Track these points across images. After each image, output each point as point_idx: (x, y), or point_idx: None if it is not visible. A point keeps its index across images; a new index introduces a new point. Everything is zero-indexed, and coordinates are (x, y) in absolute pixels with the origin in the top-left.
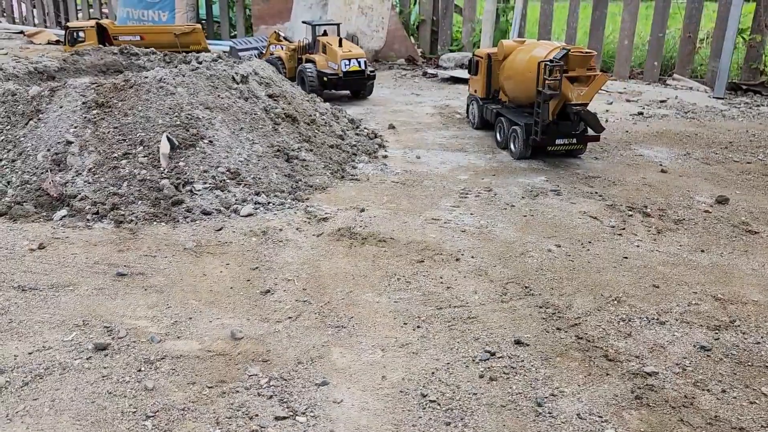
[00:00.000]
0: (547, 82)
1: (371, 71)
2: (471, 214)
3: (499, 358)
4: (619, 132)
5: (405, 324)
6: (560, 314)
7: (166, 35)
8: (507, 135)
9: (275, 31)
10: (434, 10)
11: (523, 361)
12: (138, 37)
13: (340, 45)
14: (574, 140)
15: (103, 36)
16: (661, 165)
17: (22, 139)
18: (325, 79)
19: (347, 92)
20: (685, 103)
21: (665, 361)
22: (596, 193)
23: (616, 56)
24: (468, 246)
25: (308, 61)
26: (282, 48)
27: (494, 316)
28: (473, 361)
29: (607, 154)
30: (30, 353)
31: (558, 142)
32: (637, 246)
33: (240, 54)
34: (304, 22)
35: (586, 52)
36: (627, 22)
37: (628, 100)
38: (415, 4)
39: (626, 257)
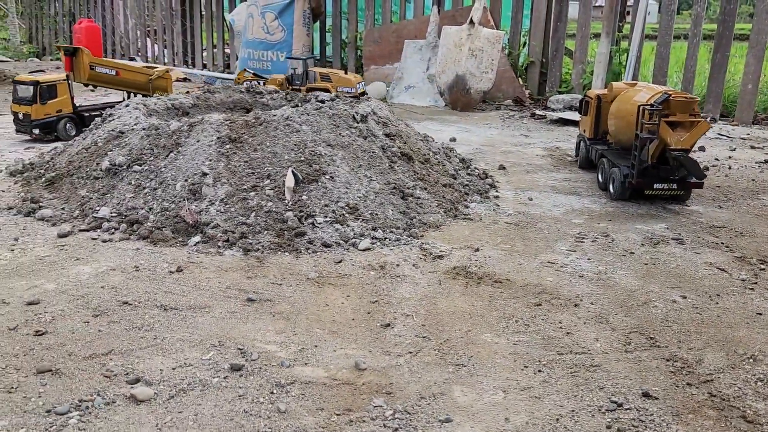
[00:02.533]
0: (645, 126)
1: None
2: (588, 259)
3: (627, 409)
4: (744, 180)
5: (525, 367)
6: (690, 369)
7: (140, 76)
8: (607, 176)
9: (245, 69)
10: (544, 52)
11: (652, 414)
12: (114, 72)
13: (346, 73)
14: (674, 186)
15: (71, 64)
16: None
17: (163, 169)
18: None
19: None
20: None
21: None
22: (722, 243)
23: (738, 101)
24: (586, 292)
25: (312, 90)
26: (261, 83)
27: (619, 366)
28: (599, 410)
29: (732, 203)
30: (173, 369)
31: (656, 186)
32: None
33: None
34: (290, 58)
35: (689, 98)
36: (752, 65)
37: (752, 147)
38: (524, 46)
39: (760, 313)
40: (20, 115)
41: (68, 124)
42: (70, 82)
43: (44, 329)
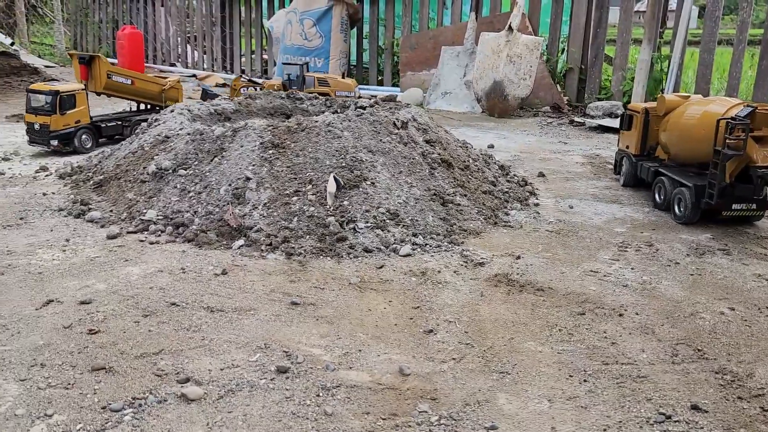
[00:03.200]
0: (728, 141)
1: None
2: (632, 268)
3: (676, 422)
4: None
5: (570, 376)
6: (740, 382)
7: (154, 86)
8: (670, 196)
9: (240, 75)
10: (583, 59)
11: (702, 428)
12: (129, 81)
13: (343, 77)
14: (754, 206)
15: (87, 73)
16: None
17: (208, 174)
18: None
19: None
20: None
21: None
22: None
23: None
24: (631, 302)
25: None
26: (256, 88)
27: (666, 378)
28: (647, 422)
29: None
30: (221, 369)
31: (735, 207)
32: None
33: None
34: (286, 64)
35: None
36: None
37: None
38: (563, 52)
39: None
40: (36, 126)
41: (84, 136)
42: (87, 92)
43: (97, 328)
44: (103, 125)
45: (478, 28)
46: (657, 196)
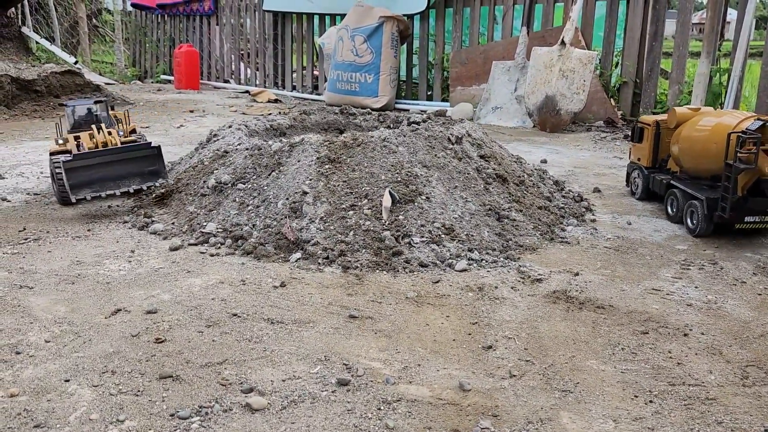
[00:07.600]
0: (739, 154)
1: None
2: (696, 287)
3: None
4: None
5: (636, 396)
6: None
7: None
8: (682, 208)
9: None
10: (638, 72)
11: None
12: None
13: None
14: (767, 218)
15: None
16: None
17: (266, 188)
18: None
19: None
20: None
21: None
22: None
23: None
24: (696, 321)
25: (134, 132)
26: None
27: (736, 401)
28: None
29: None
30: (283, 380)
31: (747, 219)
32: None
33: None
34: (63, 104)
35: None
36: None
37: None
38: (616, 66)
39: None
40: None
41: None
42: None
43: (163, 337)
44: None
45: (529, 42)
46: (669, 208)
